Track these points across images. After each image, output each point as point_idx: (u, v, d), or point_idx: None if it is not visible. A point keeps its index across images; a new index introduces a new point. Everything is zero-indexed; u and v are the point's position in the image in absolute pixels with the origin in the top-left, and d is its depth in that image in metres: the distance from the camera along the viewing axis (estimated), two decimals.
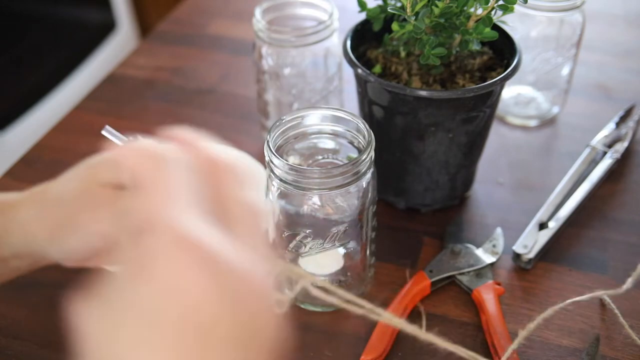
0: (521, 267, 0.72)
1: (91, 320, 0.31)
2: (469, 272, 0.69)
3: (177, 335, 0.28)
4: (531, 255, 0.71)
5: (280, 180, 0.57)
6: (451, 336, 0.65)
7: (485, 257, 0.70)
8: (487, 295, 0.66)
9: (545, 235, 0.72)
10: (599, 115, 0.92)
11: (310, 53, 0.81)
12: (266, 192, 0.61)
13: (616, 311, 0.66)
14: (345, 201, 0.60)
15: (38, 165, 0.89)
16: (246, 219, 0.33)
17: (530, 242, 0.72)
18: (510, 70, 0.68)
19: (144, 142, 0.36)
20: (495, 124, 0.87)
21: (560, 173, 0.81)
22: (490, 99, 0.69)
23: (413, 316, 0.67)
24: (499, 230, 0.73)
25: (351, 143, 0.62)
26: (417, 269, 0.71)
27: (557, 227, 0.73)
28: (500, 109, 0.92)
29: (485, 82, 0.66)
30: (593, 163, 0.82)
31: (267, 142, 0.58)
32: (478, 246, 0.72)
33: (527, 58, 0.87)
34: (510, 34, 0.72)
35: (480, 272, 0.69)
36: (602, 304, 0.68)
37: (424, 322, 0.66)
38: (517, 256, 0.71)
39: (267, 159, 0.58)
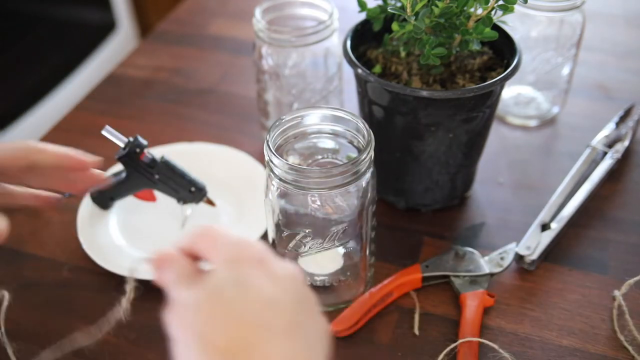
0: (523, 268, 0.72)
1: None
2: (464, 276, 0.69)
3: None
4: (534, 256, 0.71)
5: (280, 180, 0.57)
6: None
7: (488, 266, 0.70)
8: (472, 302, 0.66)
9: (547, 237, 0.72)
10: (599, 115, 0.92)
11: (310, 53, 0.81)
12: (266, 191, 0.61)
13: (625, 308, 0.66)
14: (345, 201, 0.60)
15: None
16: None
17: (533, 244, 0.72)
18: (510, 70, 0.68)
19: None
20: (495, 124, 0.87)
21: (561, 173, 0.81)
22: (490, 99, 0.69)
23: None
24: (512, 245, 0.72)
25: (351, 143, 0.62)
26: None
27: (559, 228, 0.73)
28: (500, 109, 0.92)
29: (485, 82, 0.66)
30: (593, 163, 0.81)
31: (267, 141, 0.58)
32: (485, 255, 0.71)
33: (527, 58, 0.87)
34: (510, 34, 0.72)
35: (476, 280, 0.69)
36: (602, 304, 0.68)
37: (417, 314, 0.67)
38: (520, 258, 0.71)
39: (266, 158, 0.58)
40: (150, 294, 0.70)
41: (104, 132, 0.68)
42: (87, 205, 0.78)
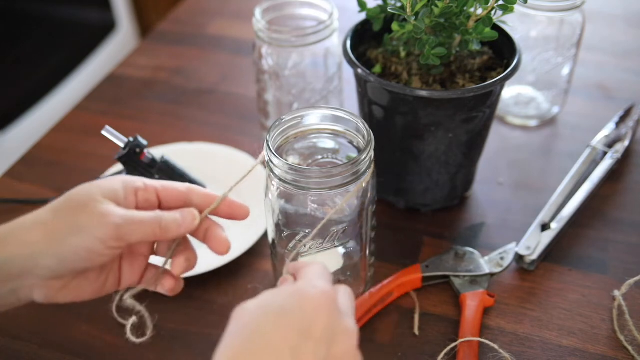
0: (523, 268, 0.72)
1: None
2: (464, 276, 0.69)
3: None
4: (534, 256, 0.71)
5: (280, 180, 0.57)
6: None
7: (488, 266, 0.70)
8: (471, 302, 0.66)
9: (547, 237, 0.72)
10: (599, 115, 0.92)
11: (310, 53, 0.81)
12: (266, 191, 0.61)
13: (625, 308, 0.66)
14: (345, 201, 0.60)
15: (38, 165, 0.89)
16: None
17: (533, 244, 0.72)
18: (510, 70, 0.68)
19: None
20: (495, 124, 0.87)
21: (561, 173, 0.81)
22: (490, 99, 0.69)
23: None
24: (512, 245, 0.72)
25: (351, 143, 0.62)
26: None
27: (559, 228, 0.73)
28: (500, 109, 0.92)
29: (485, 82, 0.66)
30: (593, 163, 0.81)
31: (267, 141, 0.58)
32: (485, 255, 0.71)
33: (527, 58, 0.87)
34: (510, 34, 0.72)
35: (476, 280, 0.69)
36: (602, 304, 0.68)
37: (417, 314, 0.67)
38: (520, 258, 0.71)
39: (266, 158, 0.58)
40: (150, 295, 0.70)
41: (104, 132, 0.68)
42: None
